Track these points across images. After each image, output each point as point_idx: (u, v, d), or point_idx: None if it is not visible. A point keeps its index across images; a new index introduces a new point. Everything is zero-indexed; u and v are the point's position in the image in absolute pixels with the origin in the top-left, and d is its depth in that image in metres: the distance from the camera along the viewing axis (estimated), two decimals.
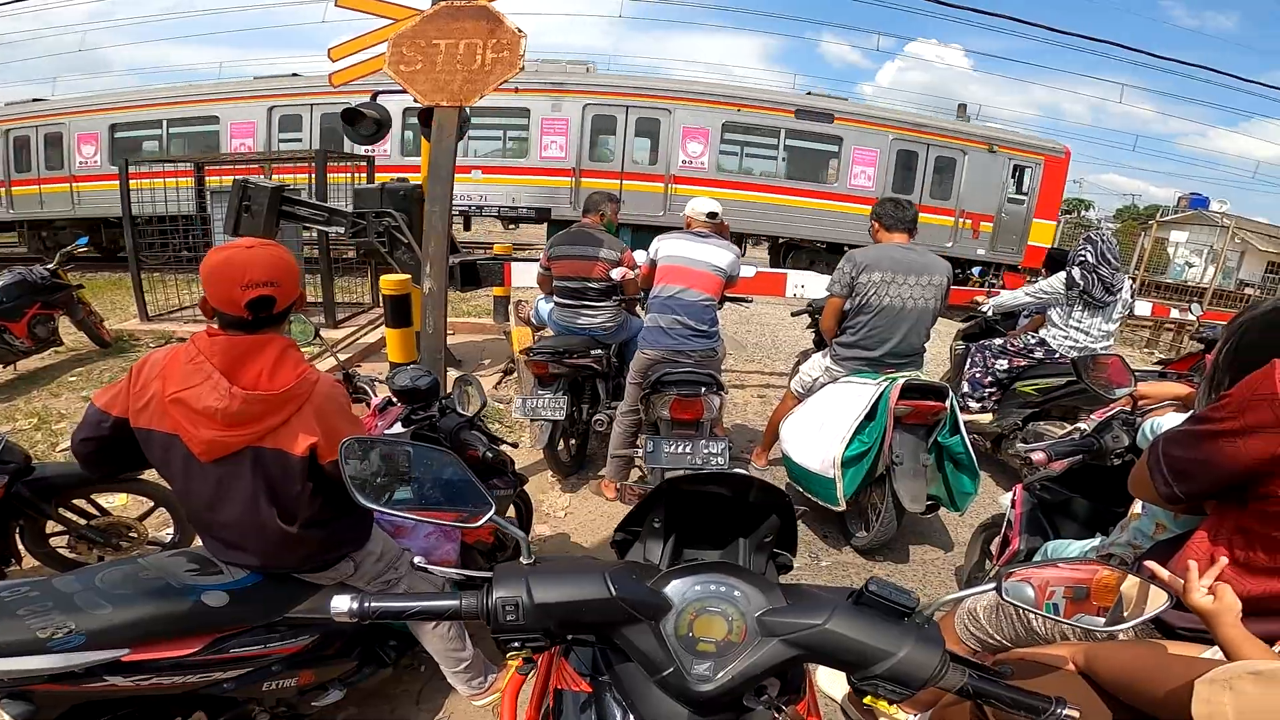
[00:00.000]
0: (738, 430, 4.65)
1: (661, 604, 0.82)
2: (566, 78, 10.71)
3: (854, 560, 3.14)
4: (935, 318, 3.11)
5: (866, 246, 3.10)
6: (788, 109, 10.85)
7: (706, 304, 3.16)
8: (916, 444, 2.93)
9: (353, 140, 4.71)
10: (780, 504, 1.13)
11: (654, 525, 1.16)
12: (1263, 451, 1.05)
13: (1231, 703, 0.78)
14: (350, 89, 4.58)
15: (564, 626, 0.81)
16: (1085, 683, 1.15)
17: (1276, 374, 1.03)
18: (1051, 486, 2.18)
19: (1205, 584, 1.06)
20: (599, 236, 3.67)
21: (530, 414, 3.40)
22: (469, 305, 7.93)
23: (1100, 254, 3.72)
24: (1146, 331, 9.90)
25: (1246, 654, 1.00)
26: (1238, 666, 0.83)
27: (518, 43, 3.35)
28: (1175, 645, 1.19)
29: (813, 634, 0.77)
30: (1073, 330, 3.86)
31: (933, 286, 3.00)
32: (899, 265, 2.97)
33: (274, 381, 1.43)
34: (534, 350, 3.50)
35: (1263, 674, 0.78)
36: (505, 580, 0.79)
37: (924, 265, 3.01)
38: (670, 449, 2.68)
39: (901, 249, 3.02)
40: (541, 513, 3.34)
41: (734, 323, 7.89)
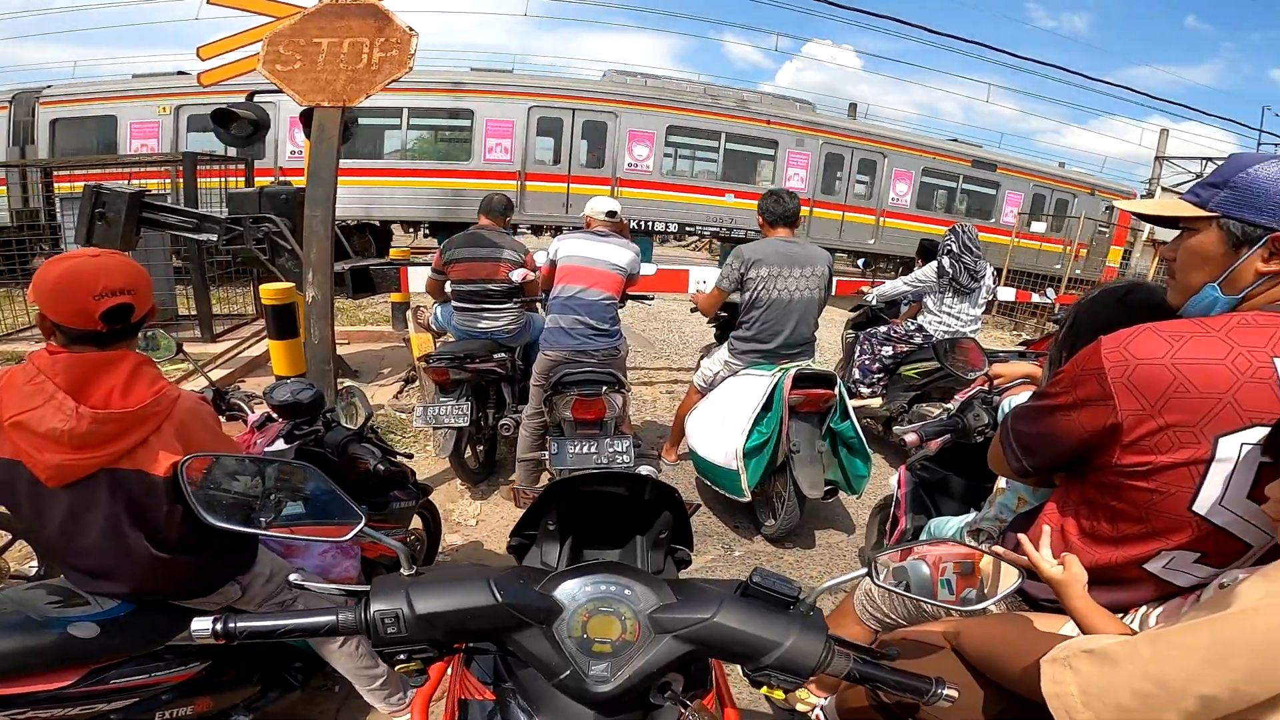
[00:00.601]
0: (648, 427, 4.70)
1: (552, 607, 0.81)
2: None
3: (765, 549, 3.23)
4: (821, 307, 3.27)
5: (753, 241, 3.22)
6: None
7: (607, 303, 3.18)
8: (811, 431, 3.07)
9: (225, 142, 4.40)
10: (672, 500, 1.16)
11: (548, 528, 1.16)
12: (1094, 423, 1.09)
13: (1074, 681, 0.80)
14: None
15: (452, 636, 0.79)
16: (958, 660, 1.18)
17: (1101, 350, 1.08)
18: (930, 466, 2.30)
19: (1046, 554, 1.11)
20: (500, 238, 3.62)
21: (432, 422, 3.30)
22: (366, 313, 7.57)
23: (963, 244, 4.08)
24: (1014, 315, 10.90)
25: (1093, 624, 1.04)
26: (1074, 644, 0.84)
27: (409, 41, 3.27)
28: (1040, 618, 1.21)
29: (703, 628, 0.78)
30: (945, 315, 4.19)
31: (816, 277, 3.16)
32: (784, 259, 3.11)
33: (128, 399, 1.33)
34: (434, 357, 3.40)
35: (1095, 652, 0.80)
36: (383, 593, 0.77)
37: (807, 257, 3.16)
38: (575, 450, 2.68)
39: (785, 242, 3.16)
40: (452, 522, 3.26)
41: (641, 320, 7.97)
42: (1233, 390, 0.97)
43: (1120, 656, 0.77)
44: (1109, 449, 1.08)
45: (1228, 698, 0.69)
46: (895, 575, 1.59)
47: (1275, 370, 0.97)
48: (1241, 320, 1.03)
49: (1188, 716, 0.71)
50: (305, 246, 3.31)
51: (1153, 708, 0.73)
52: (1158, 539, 1.10)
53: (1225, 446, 0.99)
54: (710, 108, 11.20)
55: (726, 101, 11.47)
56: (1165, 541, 1.09)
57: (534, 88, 10.45)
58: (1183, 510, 1.05)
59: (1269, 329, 1.00)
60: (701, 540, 3.24)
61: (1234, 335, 1.00)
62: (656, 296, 4.86)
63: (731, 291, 3.21)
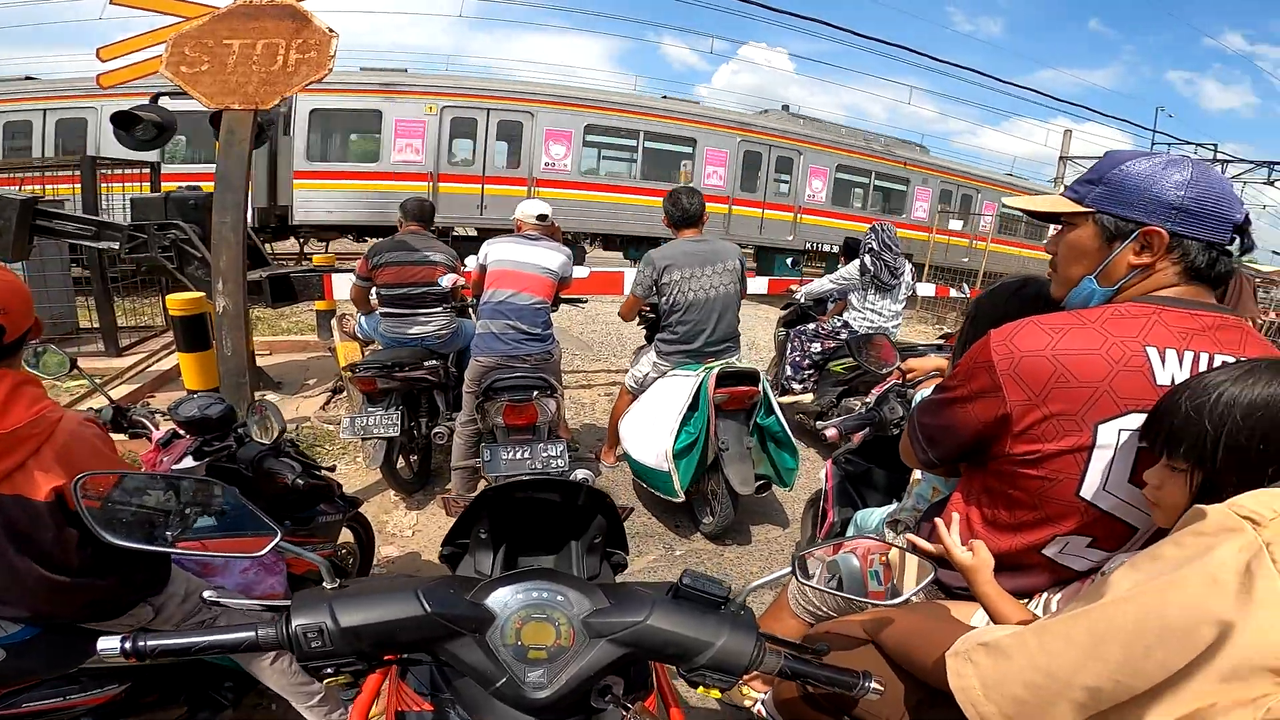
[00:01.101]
0: (586, 430, 4.69)
1: (484, 616, 0.80)
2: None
3: (706, 547, 3.27)
4: (739, 301, 3.33)
5: (662, 246, 3.26)
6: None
7: (539, 307, 3.16)
8: (739, 429, 3.12)
9: (127, 146, 4.15)
10: (604, 504, 1.16)
11: (480, 536, 1.15)
12: (987, 414, 1.12)
13: (974, 674, 0.80)
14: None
15: (380, 648, 0.78)
16: (880, 653, 1.18)
17: (990, 344, 1.11)
18: (854, 460, 2.34)
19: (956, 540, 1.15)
20: (429, 243, 3.54)
21: (361, 433, 3.19)
22: (289, 322, 7.25)
23: (883, 242, 4.25)
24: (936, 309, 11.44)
25: (999, 609, 1.07)
26: (973, 637, 0.85)
27: (328, 42, 3.21)
28: (955, 606, 1.22)
29: (636, 631, 0.79)
30: (868, 311, 4.35)
31: (728, 272, 3.21)
32: (694, 259, 3.16)
33: (3, 421, 1.24)
34: (360, 366, 3.29)
35: (989, 645, 0.81)
36: (305, 607, 0.75)
37: (716, 253, 3.21)
38: (508, 456, 2.65)
39: (693, 242, 3.21)
40: (386, 533, 3.17)
41: (579, 323, 7.94)
42: (1109, 379, 1.02)
43: (1012, 649, 0.78)
44: (1002, 439, 1.11)
45: (1111, 689, 0.69)
46: (829, 569, 1.61)
47: (1147, 359, 1.01)
48: (1115, 311, 1.07)
49: (1079, 707, 0.72)
50: (214, 254, 3.16)
51: (1045, 699, 0.73)
52: (1051, 525, 1.13)
53: (1105, 433, 1.03)
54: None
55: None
56: (1058, 527, 1.13)
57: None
58: (1071, 496, 1.08)
59: (1141, 319, 1.05)
60: (643, 541, 3.25)
61: (1109, 326, 1.05)
62: (590, 299, 4.85)
63: (646, 297, 3.25)
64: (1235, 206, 1.07)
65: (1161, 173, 1.07)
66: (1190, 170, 1.07)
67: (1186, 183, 1.06)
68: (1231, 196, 1.08)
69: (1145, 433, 0.98)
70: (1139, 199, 1.08)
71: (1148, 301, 1.08)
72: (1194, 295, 1.08)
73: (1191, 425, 0.89)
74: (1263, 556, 0.62)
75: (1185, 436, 0.90)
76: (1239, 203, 1.08)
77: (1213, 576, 0.64)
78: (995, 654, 0.79)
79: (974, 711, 0.79)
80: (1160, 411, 0.95)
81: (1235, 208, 1.07)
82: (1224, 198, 1.07)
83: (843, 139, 13.04)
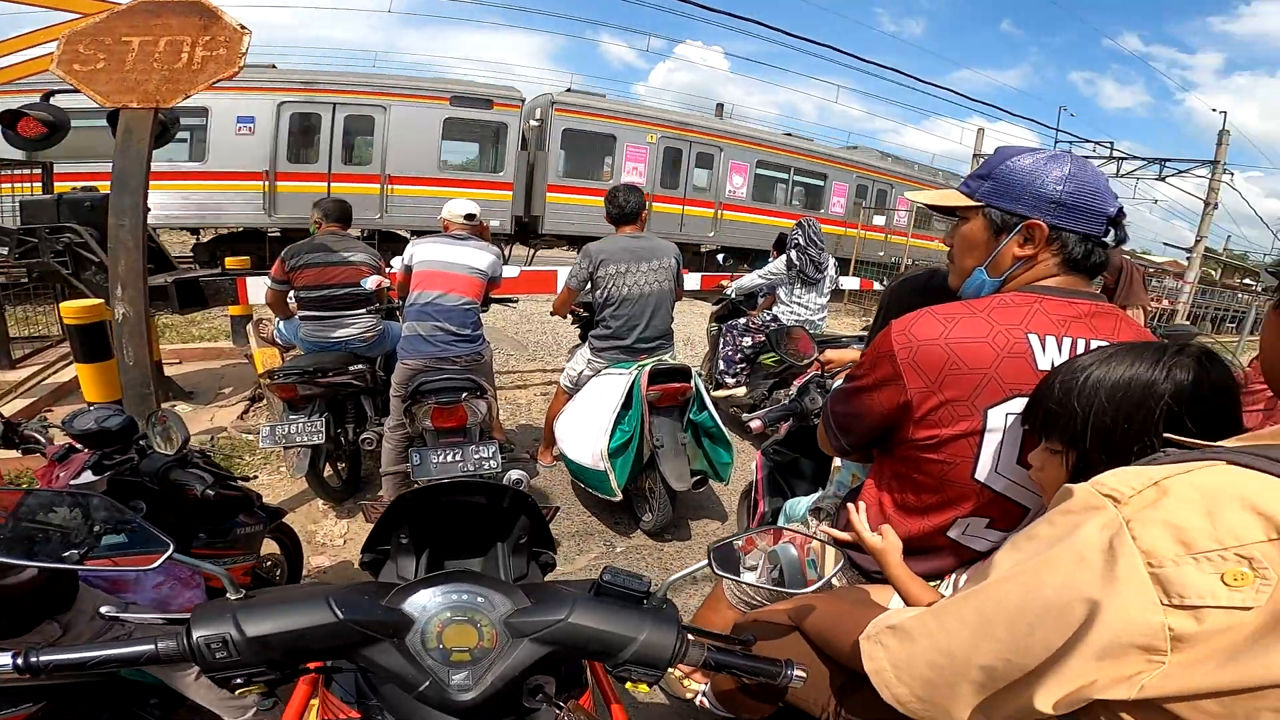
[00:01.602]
0: (523, 430, 4.65)
1: (401, 620, 0.79)
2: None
3: (646, 544, 3.28)
4: (674, 298, 3.37)
5: (601, 240, 3.28)
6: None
7: (467, 307, 3.11)
8: (673, 425, 3.16)
9: (14, 145, 3.85)
10: (526, 505, 1.16)
11: (401, 541, 1.13)
12: (890, 402, 1.16)
13: (885, 656, 0.81)
14: None
15: (293, 656, 0.76)
16: (804, 640, 1.19)
17: (891, 333, 1.15)
18: (782, 450, 2.40)
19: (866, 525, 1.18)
20: (351, 244, 3.43)
21: (282, 442, 3.06)
22: (201, 328, 6.86)
23: (809, 237, 4.39)
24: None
25: (909, 591, 1.10)
26: (882, 620, 0.86)
27: (239, 39, 3.12)
28: (875, 590, 1.24)
29: (558, 629, 0.79)
30: (795, 305, 4.49)
31: (664, 269, 3.25)
32: (631, 254, 3.19)
33: None
34: (279, 372, 3.15)
35: (896, 628, 0.82)
36: (206, 619, 0.73)
37: (653, 250, 3.25)
38: (438, 459, 2.60)
39: (632, 238, 3.24)
40: (317, 543, 3.07)
41: (513, 323, 7.85)
42: (995, 365, 1.07)
43: (915, 631, 0.79)
44: (905, 425, 1.16)
45: (1003, 668, 0.69)
46: (769, 559, 1.63)
47: (1029, 345, 1.07)
48: (1001, 301, 1.13)
49: (978, 686, 0.72)
50: (111, 259, 2.97)
51: (948, 679, 0.74)
52: (953, 507, 1.17)
53: (994, 417, 1.08)
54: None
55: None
56: (959, 509, 1.17)
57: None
58: (967, 479, 1.13)
59: (1023, 308, 1.11)
60: (583, 540, 3.26)
61: (995, 315, 1.11)
62: (522, 299, 4.81)
63: (581, 290, 3.25)
64: (1109, 201, 1.14)
65: (1043, 168, 1.14)
66: (1069, 166, 1.13)
67: (1065, 178, 1.12)
68: (1105, 191, 1.14)
69: (1025, 416, 1.03)
70: (1023, 193, 1.14)
71: (1030, 291, 1.14)
72: (1072, 285, 1.15)
73: (1063, 407, 0.94)
74: (1123, 534, 0.61)
75: (1058, 418, 0.94)
76: (1113, 197, 1.15)
77: (1080, 555, 0.64)
78: (901, 636, 0.80)
79: (888, 693, 0.79)
80: (1037, 395, 1.00)
81: (1109, 202, 1.14)
82: (1099, 192, 1.13)
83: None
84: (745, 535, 1.23)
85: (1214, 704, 0.58)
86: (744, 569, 1.01)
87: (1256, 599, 0.55)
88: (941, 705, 0.75)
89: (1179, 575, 0.58)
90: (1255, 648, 0.55)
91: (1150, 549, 0.59)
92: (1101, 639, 0.61)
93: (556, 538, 3.12)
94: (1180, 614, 0.58)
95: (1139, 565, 0.59)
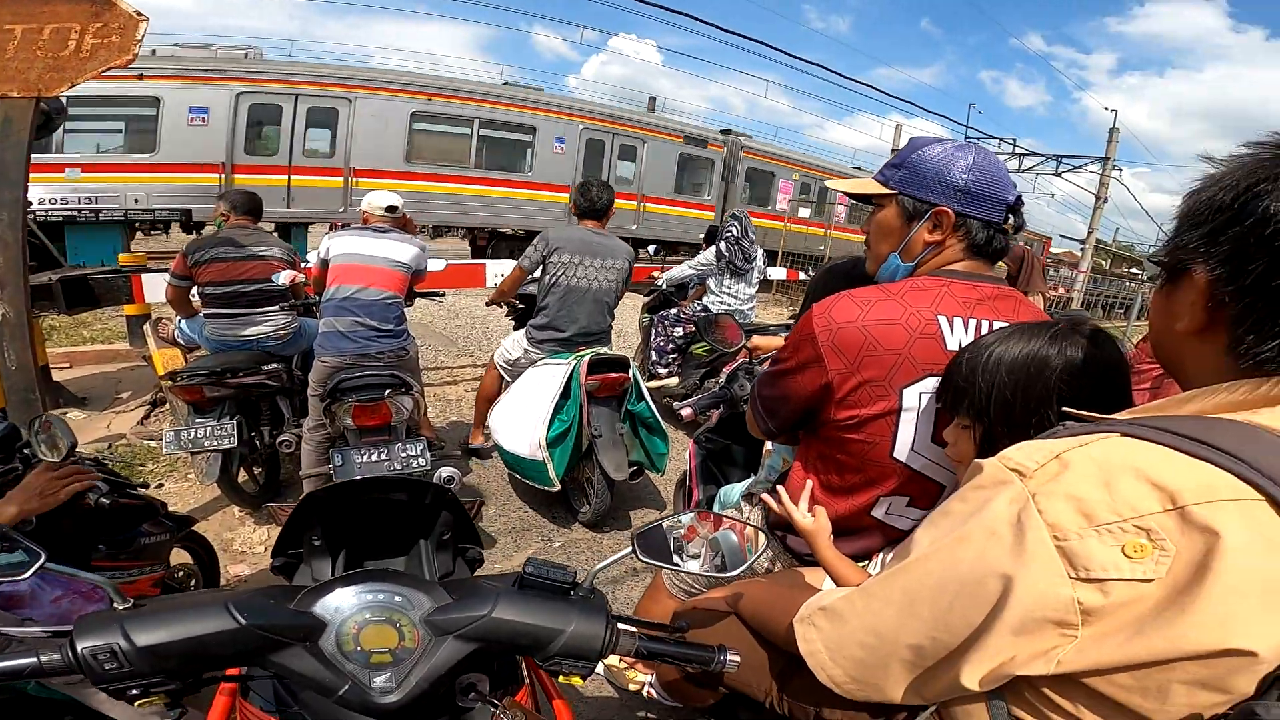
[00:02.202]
0: (454, 428, 4.53)
1: (312, 623, 0.76)
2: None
3: (585, 536, 3.26)
4: (618, 298, 3.39)
5: (562, 226, 3.27)
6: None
7: (389, 301, 2.99)
8: (611, 415, 3.15)
9: None
10: (447, 500, 1.13)
11: (314, 543, 1.07)
12: (812, 384, 1.18)
13: (819, 638, 0.81)
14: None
15: (192, 665, 0.72)
16: (741, 625, 1.19)
17: (812, 317, 1.17)
18: (714, 437, 2.41)
19: (796, 506, 1.20)
20: (260, 237, 3.24)
21: (188, 447, 2.86)
22: (93, 330, 6.33)
23: (742, 229, 4.47)
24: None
25: (838, 572, 1.13)
26: (814, 602, 0.86)
27: (135, 26, 2.99)
28: (808, 572, 1.25)
29: (482, 625, 0.77)
30: (725, 295, 4.57)
31: (615, 269, 3.27)
32: (586, 248, 3.18)
33: None
34: (183, 374, 2.94)
35: (827, 609, 0.82)
36: (91, 630, 0.68)
37: (608, 249, 3.26)
38: (363, 459, 2.49)
39: (591, 233, 3.24)
40: (234, 551, 2.91)
41: (440, 318, 7.64)
42: (909, 346, 1.11)
43: (845, 611, 0.79)
44: (827, 406, 1.19)
45: (930, 646, 0.69)
46: (711, 546, 1.65)
47: (939, 326, 1.12)
48: (913, 285, 1.18)
49: (908, 665, 0.72)
50: None
51: (879, 659, 0.74)
52: (875, 487, 1.20)
53: (909, 397, 1.12)
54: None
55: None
56: (881, 489, 1.20)
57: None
58: (887, 458, 1.16)
59: (934, 291, 1.16)
60: (520, 535, 3.21)
61: (908, 298, 1.15)
62: (450, 293, 4.68)
63: (531, 271, 3.23)
64: (1008, 189, 1.20)
65: (950, 158, 1.19)
66: (973, 156, 1.20)
67: (970, 167, 1.18)
68: (1006, 180, 1.21)
69: (939, 394, 1.08)
70: (932, 182, 1.19)
71: (939, 275, 1.20)
72: (976, 269, 1.22)
73: (969, 384, 0.99)
74: (1030, 508, 0.62)
75: (966, 394, 0.99)
76: (1012, 186, 1.22)
77: (991, 529, 0.64)
78: (832, 617, 0.80)
79: (824, 675, 0.79)
80: (948, 373, 1.05)
81: (1008, 190, 1.20)
82: (1000, 181, 1.19)
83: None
84: (680, 519, 1.23)
85: (1128, 677, 0.59)
86: (686, 557, 1.00)
87: (1157, 570, 0.56)
88: (875, 684, 0.76)
89: (1083, 548, 0.58)
90: (1159, 620, 0.56)
91: (1055, 522, 0.60)
92: (1016, 614, 0.61)
93: (493, 534, 3.13)
94: (1087, 587, 0.58)
95: (1046, 539, 0.60)
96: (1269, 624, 0.54)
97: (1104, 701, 0.61)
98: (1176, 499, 0.56)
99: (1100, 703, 0.61)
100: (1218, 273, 0.63)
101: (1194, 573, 0.55)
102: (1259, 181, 0.60)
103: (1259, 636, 0.54)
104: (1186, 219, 0.67)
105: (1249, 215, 0.60)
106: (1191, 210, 0.67)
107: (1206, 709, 0.57)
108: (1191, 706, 0.57)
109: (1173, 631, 0.55)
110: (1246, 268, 0.60)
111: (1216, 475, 0.56)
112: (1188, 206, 0.67)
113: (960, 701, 0.72)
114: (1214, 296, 0.63)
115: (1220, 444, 0.57)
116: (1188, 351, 0.69)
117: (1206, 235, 0.64)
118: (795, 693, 1.04)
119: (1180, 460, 0.58)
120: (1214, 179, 0.65)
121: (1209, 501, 0.55)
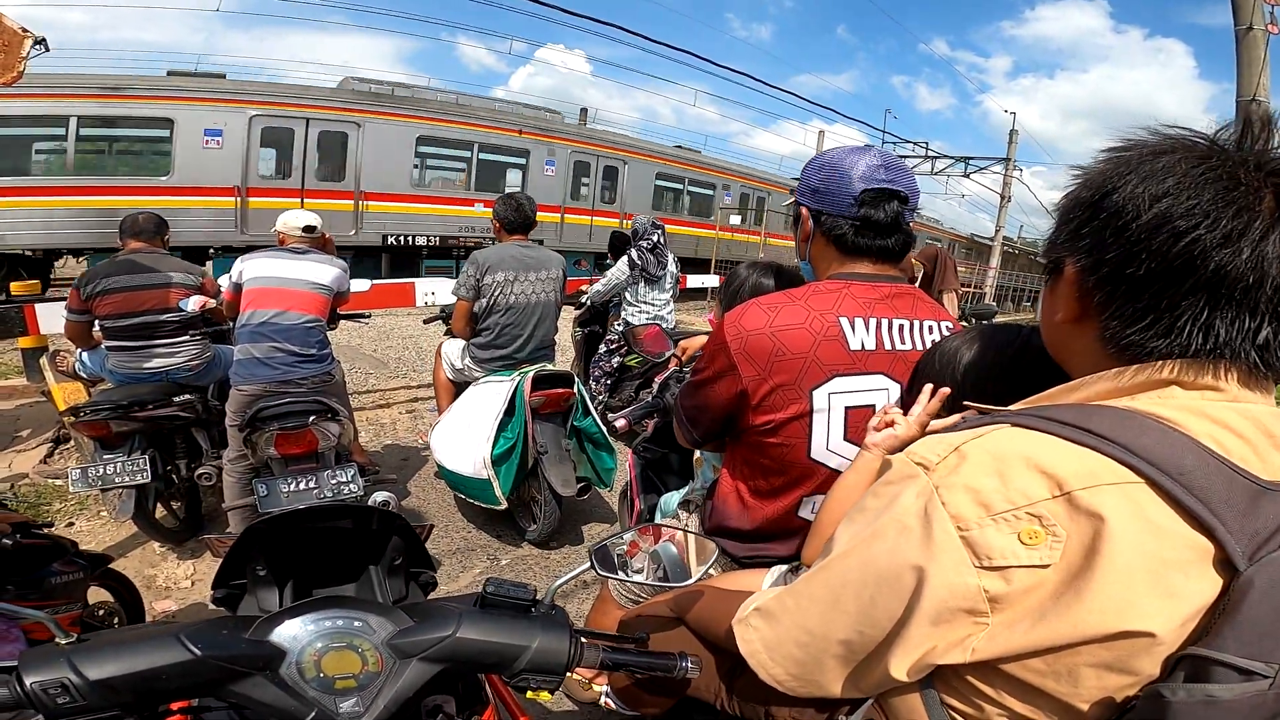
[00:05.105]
0: (389, 450, 4.40)
1: (271, 652, 0.74)
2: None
3: (532, 553, 3.21)
4: (559, 309, 3.37)
5: (488, 247, 3.22)
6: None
7: (310, 325, 2.88)
8: (556, 431, 3.11)
9: None
10: (396, 524, 1.11)
11: (259, 574, 1.05)
12: (729, 391, 1.20)
13: (757, 638, 0.81)
14: None
15: (148, 698, 0.70)
16: (689, 631, 1.19)
17: (724, 326, 1.20)
18: (651, 447, 2.42)
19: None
20: (163, 262, 3.06)
21: (97, 484, 2.68)
22: None
23: (660, 237, 4.53)
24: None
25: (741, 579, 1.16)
26: (750, 603, 0.86)
27: (20, 44, 2.76)
28: (746, 575, 1.26)
29: (446, 646, 0.77)
30: (642, 304, 4.57)
31: (551, 280, 3.25)
32: (519, 263, 3.15)
33: None
34: (86, 408, 2.76)
35: (761, 609, 0.82)
36: (37, 664, 0.66)
37: (541, 261, 3.24)
38: (289, 488, 2.40)
39: (520, 247, 3.21)
40: (159, 587, 2.77)
41: (370, 340, 7.42)
42: (814, 349, 1.15)
43: (777, 611, 0.79)
44: (745, 412, 1.22)
45: (859, 640, 0.70)
46: (652, 559, 1.62)
47: (841, 328, 1.17)
48: (816, 289, 1.23)
49: (841, 660, 0.73)
50: None
51: (814, 655, 0.75)
52: (798, 487, 1.23)
53: (819, 398, 1.16)
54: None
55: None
56: (803, 489, 1.22)
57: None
58: (804, 458, 1.20)
59: (835, 293, 1.20)
60: (465, 556, 3.14)
61: (811, 302, 1.19)
62: (377, 314, 4.57)
63: (472, 300, 3.16)
64: (854, 183, 1.22)
65: (815, 162, 1.29)
66: (829, 156, 1.28)
67: (822, 166, 1.26)
68: (851, 175, 1.22)
69: (909, 389, 1.08)
70: (803, 186, 1.28)
71: (839, 278, 1.25)
72: (875, 270, 1.27)
73: (933, 378, 1.01)
74: (935, 500, 0.63)
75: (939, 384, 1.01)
76: (863, 179, 1.21)
77: (901, 523, 0.65)
78: (767, 617, 0.80)
79: (766, 674, 0.79)
80: (918, 370, 1.06)
81: (854, 184, 1.22)
82: (845, 176, 1.22)
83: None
84: (622, 535, 1.25)
85: (1039, 662, 0.61)
86: (631, 570, 1.02)
87: (1051, 556, 0.58)
88: (814, 680, 0.77)
89: (983, 537, 0.60)
90: (1059, 605, 0.59)
91: (957, 513, 0.62)
92: (932, 604, 0.63)
93: (437, 556, 3.07)
94: (991, 575, 0.61)
95: (951, 530, 0.62)
96: (1160, 604, 0.55)
97: (1022, 687, 0.63)
98: (1063, 485, 0.58)
99: (1018, 688, 0.64)
100: (1082, 263, 0.68)
101: (1085, 557, 0.57)
102: (1114, 177, 0.66)
103: (1152, 617, 0.55)
104: (1060, 218, 0.73)
105: (1105, 209, 0.65)
106: (1063, 210, 0.72)
107: (1117, 691, 0.58)
108: (1102, 689, 0.59)
109: (1072, 615, 0.57)
110: (1105, 257, 0.65)
111: (1098, 460, 0.58)
112: (1061, 207, 0.73)
113: (896, 693, 0.74)
114: (1082, 286, 0.69)
115: (1099, 430, 0.60)
116: (1069, 342, 0.74)
117: (1072, 231, 0.69)
118: (743, 693, 1.06)
119: (1065, 447, 0.60)
120: (1080, 179, 0.71)
121: (1092, 486, 0.57)
